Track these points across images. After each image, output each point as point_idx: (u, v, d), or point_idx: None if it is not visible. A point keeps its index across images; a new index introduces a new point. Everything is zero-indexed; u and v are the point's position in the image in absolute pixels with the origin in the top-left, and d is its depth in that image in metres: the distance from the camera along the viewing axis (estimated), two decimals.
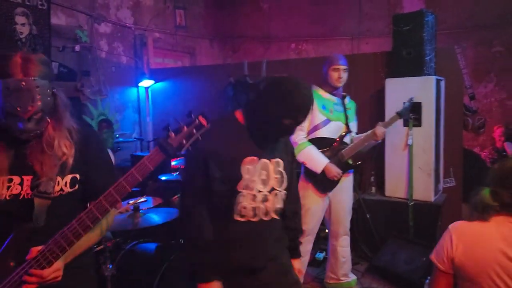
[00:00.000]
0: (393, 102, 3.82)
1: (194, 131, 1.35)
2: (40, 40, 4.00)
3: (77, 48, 4.56)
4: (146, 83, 5.39)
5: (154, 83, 5.46)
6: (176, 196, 3.30)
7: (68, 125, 1.50)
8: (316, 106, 3.09)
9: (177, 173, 3.72)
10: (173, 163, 4.06)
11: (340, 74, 3.13)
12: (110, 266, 2.60)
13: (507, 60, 5.54)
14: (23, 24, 3.88)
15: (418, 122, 3.74)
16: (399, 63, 3.89)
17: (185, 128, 1.34)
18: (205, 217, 1.69)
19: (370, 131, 3.15)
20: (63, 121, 1.48)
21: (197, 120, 1.35)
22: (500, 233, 1.56)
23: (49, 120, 1.44)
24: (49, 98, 1.41)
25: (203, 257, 1.68)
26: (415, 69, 3.76)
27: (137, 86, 5.48)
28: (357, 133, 3.32)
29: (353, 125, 3.32)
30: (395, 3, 6.05)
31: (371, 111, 4.25)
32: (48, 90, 1.41)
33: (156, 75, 5.46)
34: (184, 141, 1.34)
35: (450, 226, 1.69)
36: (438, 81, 3.82)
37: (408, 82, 3.76)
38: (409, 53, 3.81)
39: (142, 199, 3.42)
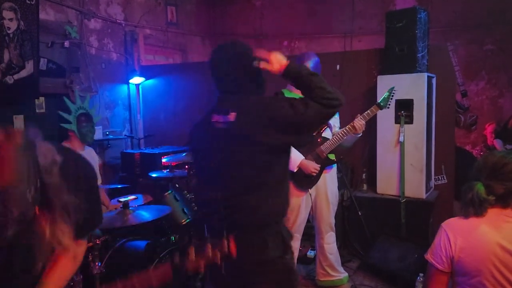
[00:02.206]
0: None
1: (218, 255, 1.08)
2: (28, 36, 3.92)
3: (66, 44, 4.49)
4: (136, 80, 5.33)
5: (145, 80, 5.40)
6: (167, 193, 3.26)
7: (64, 206, 1.09)
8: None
9: (168, 170, 3.68)
10: (164, 160, 4.01)
11: None
12: (99, 264, 2.55)
13: (498, 58, 5.56)
14: (10, 19, 3.80)
15: (409, 119, 3.74)
16: (391, 60, 3.89)
17: (209, 248, 1.10)
18: None
19: (349, 124, 3.07)
20: (56, 209, 1.06)
21: (226, 242, 1.09)
22: (495, 226, 1.58)
23: (37, 211, 1.03)
24: (30, 200, 0.96)
25: None
26: (408, 66, 3.76)
27: (128, 83, 5.41)
28: (340, 127, 3.27)
29: (334, 120, 3.27)
30: (388, 1, 6.04)
31: (363, 108, 4.23)
32: (29, 191, 0.95)
33: (147, 72, 5.41)
34: (201, 265, 1.08)
35: (444, 225, 1.68)
36: (429, 78, 3.82)
37: (399, 79, 3.76)
38: (401, 50, 3.80)
39: (132, 197, 3.38)
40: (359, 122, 3.03)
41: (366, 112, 3.10)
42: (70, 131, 3.23)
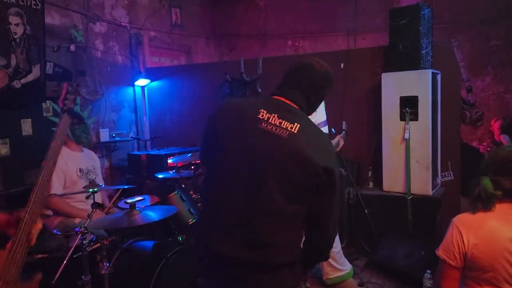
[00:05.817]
0: (390, 97, 3.83)
1: None
2: (34, 40, 3.97)
3: (72, 48, 4.54)
4: (142, 82, 5.37)
5: (150, 82, 5.44)
6: (172, 194, 3.27)
7: None
8: (322, 105, 3.05)
9: (174, 171, 3.70)
10: (169, 161, 4.04)
11: None
12: (107, 264, 2.58)
13: (504, 53, 5.53)
14: (17, 24, 3.85)
15: (414, 116, 3.73)
16: (395, 57, 3.88)
17: None
18: None
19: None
20: None
21: None
22: (506, 221, 1.58)
23: None
24: None
25: None
26: (412, 63, 3.75)
27: (133, 86, 5.45)
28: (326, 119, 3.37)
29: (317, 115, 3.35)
30: None
31: (367, 106, 4.24)
32: None
33: (152, 74, 5.44)
34: None
35: (456, 220, 1.67)
36: (434, 75, 3.81)
37: (404, 76, 3.76)
38: (405, 47, 3.79)
39: (139, 198, 3.41)
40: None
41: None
42: None
